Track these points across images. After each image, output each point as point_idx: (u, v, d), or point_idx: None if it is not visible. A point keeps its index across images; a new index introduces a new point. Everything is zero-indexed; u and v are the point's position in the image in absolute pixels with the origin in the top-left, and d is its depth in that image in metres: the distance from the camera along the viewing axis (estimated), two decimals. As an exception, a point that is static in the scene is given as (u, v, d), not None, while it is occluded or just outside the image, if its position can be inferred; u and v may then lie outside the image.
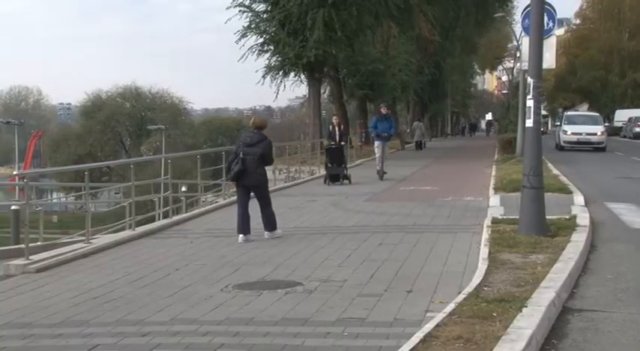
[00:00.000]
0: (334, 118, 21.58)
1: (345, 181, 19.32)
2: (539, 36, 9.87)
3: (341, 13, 30.06)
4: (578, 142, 33.72)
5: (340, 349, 5.17)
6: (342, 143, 20.06)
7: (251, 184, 10.58)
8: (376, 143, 20.36)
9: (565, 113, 37.82)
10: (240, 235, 10.33)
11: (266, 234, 10.60)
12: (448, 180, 19.83)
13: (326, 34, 30.01)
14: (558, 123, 36.06)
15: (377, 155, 20.32)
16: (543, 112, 35.29)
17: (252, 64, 73.05)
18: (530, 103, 9.67)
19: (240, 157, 10.40)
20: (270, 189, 11.40)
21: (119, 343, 5.48)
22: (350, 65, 38.47)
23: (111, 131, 68.68)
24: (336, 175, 19.43)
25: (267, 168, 11.07)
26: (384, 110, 20.56)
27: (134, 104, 72.09)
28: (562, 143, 34.32)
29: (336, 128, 19.96)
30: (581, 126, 34.36)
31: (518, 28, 39.07)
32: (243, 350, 5.21)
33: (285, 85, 33.19)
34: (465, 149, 40.49)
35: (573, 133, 33.88)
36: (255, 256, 9.15)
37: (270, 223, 10.67)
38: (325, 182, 19.40)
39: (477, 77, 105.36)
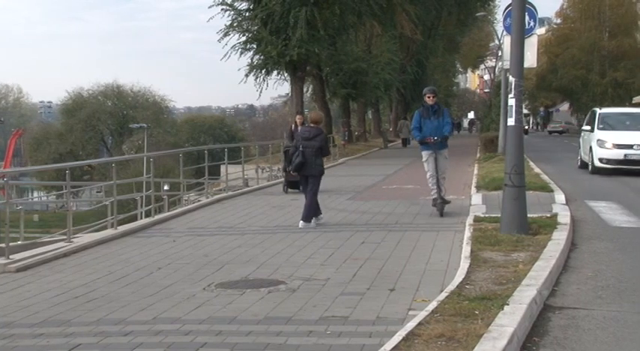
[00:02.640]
0: (298, 117, 18.62)
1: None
2: (520, 35, 9.93)
3: (323, 12, 30.03)
4: (628, 161, 19.62)
5: (323, 347, 5.17)
6: None
7: (310, 173, 11.55)
8: (424, 154, 12.21)
9: (598, 111, 21.82)
10: (301, 222, 11.38)
11: (300, 224, 11.35)
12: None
13: (309, 33, 29.96)
14: (588, 127, 21.38)
15: (428, 173, 12.23)
16: (525, 111, 34.47)
17: (235, 62, 72.97)
18: (511, 101, 9.72)
19: (300, 150, 11.42)
20: (252, 187, 11.51)
21: (101, 342, 5.46)
22: (333, 64, 38.48)
23: (92, 130, 68.32)
24: (295, 182, 15.98)
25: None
26: (430, 99, 12.08)
27: (116, 102, 71.81)
28: (597, 162, 19.96)
29: (299, 128, 16.78)
30: (629, 133, 20.27)
31: (499, 27, 39.26)
32: (226, 349, 5.20)
33: (267, 84, 33.12)
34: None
35: (617, 145, 19.73)
36: (238, 254, 9.13)
37: (308, 212, 11.49)
38: (284, 190, 16.90)
39: (459, 76, 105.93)
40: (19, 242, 11.08)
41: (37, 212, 48.16)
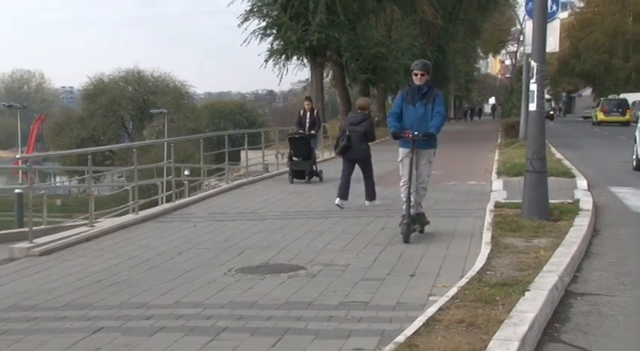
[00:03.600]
0: (306, 102, 17.34)
1: (315, 179, 16.03)
2: (542, 19, 9.83)
3: (343, -3, 29.92)
4: None
5: (343, 332, 5.19)
6: (312, 132, 16.41)
7: (355, 158, 11.96)
8: (400, 152, 9.04)
9: None
10: (338, 199, 11.81)
11: (366, 202, 11.95)
12: (451, 164, 19.78)
13: (328, 18, 29.89)
14: None
15: (401, 180, 9.04)
16: (547, 96, 34.10)
17: (255, 47, 72.71)
18: (533, 86, 9.64)
19: (346, 134, 11.82)
20: (272, 173, 11.53)
21: (123, 325, 5.51)
22: (353, 49, 38.33)
23: (113, 115, 68.61)
24: (301, 171, 15.88)
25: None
26: (418, 77, 8.75)
27: (136, 88, 71.96)
28: None
29: (308, 114, 16.65)
30: None
31: (521, 12, 38.90)
32: (247, 333, 5.23)
33: (287, 69, 33.18)
34: (468, 133, 40.43)
35: None
36: (259, 240, 9.16)
37: (370, 193, 12.05)
38: (289, 180, 16.03)
39: (480, 61, 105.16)
40: (42, 226, 11.21)
41: (59, 197, 48.56)
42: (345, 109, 38.36)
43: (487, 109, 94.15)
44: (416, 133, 8.60)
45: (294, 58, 33.18)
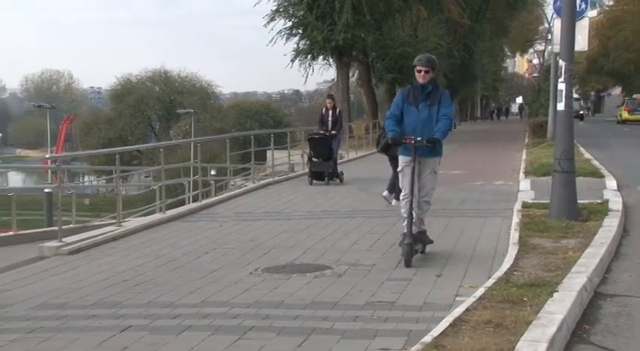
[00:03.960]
0: (328, 100, 16.58)
1: (335, 180, 15.51)
2: (571, 18, 9.74)
3: (369, -4, 29.87)
4: None
5: (369, 332, 5.18)
6: (332, 132, 15.64)
7: (394, 154, 11.62)
8: (400, 161, 7.93)
9: None
10: (394, 201, 11.78)
11: (384, 193, 12.30)
12: (478, 164, 19.71)
13: (354, 18, 29.86)
14: None
15: (402, 192, 7.88)
16: (575, 96, 33.77)
17: (281, 47, 72.97)
18: (561, 86, 9.56)
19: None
20: (298, 173, 11.50)
21: (150, 324, 5.54)
22: (378, 49, 38.21)
23: (141, 115, 69.16)
24: (320, 172, 15.33)
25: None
26: (422, 75, 7.59)
27: (163, 88, 72.50)
28: None
29: (330, 112, 15.90)
30: None
31: (549, 10, 38.56)
32: (273, 333, 5.24)
33: (313, 69, 33.22)
34: (495, 133, 40.15)
35: None
36: (284, 239, 9.18)
37: (396, 189, 11.81)
38: (309, 182, 15.55)
39: (508, 60, 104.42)
40: (71, 225, 11.32)
41: (87, 196, 49.04)
42: (371, 109, 38.31)
43: (514, 108, 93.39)
44: (419, 138, 7.39)
45: (320, 57, 33.20)
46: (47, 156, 31.34)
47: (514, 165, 18.32)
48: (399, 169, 7.84)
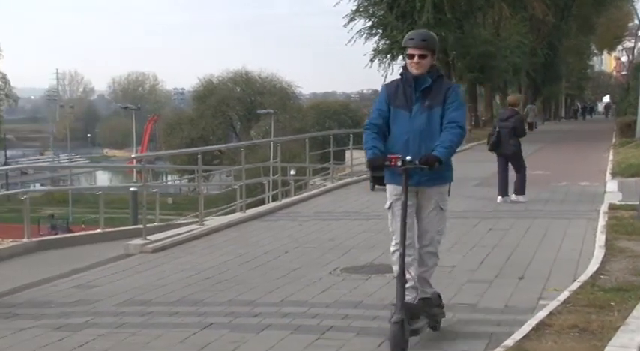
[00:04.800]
0: None
1: None
2: (662, 13, 9.39)
3: (451, -5, 29.57)
4: None
5: (450, 334, 5.12)
6: None
7: (505, 153, 12.19)
8: (388, 193, 5.38)
9: None
10: (499, 197, 12.15)
11: (512, 196, 12.19)
12: (562, 164, 19.24)
13: (435, 17, 29.61)
14: None
15: (392, 241, 5.19)
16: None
17: (360, 47, 72.71)
18: (651, 84, 9.23)
19: (496, 130, 12.15)
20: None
21: (231, 322, 5.62)
22: (460, 48, 37.77)
23: (222, 115, 70.24)
24: (381, 178, 13.97)
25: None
26: (415, 61, 5.05)
27: (244, 89, 73.43)
28: None
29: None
30: None
31: (639, 6, 37.25)
32: (352, 333, 5.24)
33: (393, 69, 33.03)
34: (580, 133, 39.12)
35: None
36: (364, 239, 9.16)
37: (519, 188, 12.21)
38: (371, 188, 13.37)
39: (594, 58, 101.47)
40: (154, 224, 11.58)
41: (170, 195, 50.14)
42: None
43: (600, 107, 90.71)
44: (408, 158, 4.89)
45: (400, 57, 33.03)
46: (132, 156, 32.18)
47: (600, 165, 17.81)
48: (386, 205, 5.33)
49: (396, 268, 5.03)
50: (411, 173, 4.92)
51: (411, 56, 5.09)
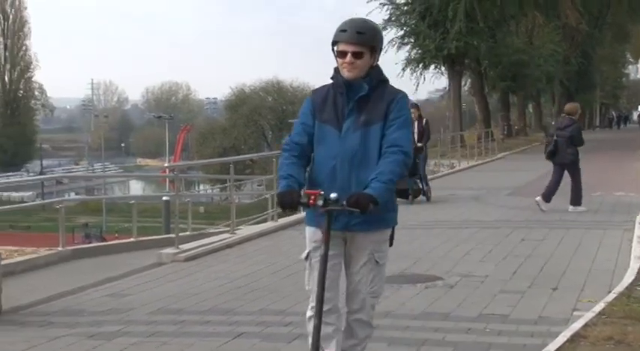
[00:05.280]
0: (412, 110, 13.00)
1: (421, 198, 13.83)
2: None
3: (483, 4, 29.48)
4: None
5: (482, 345, 5.07)
6: (419, 145, 13.60)
7: (562, 161, 12.11)
8: (307, 236, 3.96)
9: None
10: (540, 198, 12.10)
11: (570, 208, 12.00)
12: (596, 174, 18.98)
13: (467, 26, 29.54)
14: None
15: (310, 303, 3.94)
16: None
17: (392, 56, 72.89)
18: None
19: (554, 139, 12.14)
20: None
21: (262, 332, 5.63)
22: (492, 56, 37.62)
23: (254, 125, 70.56)
24: (403, 190, 13.49)
25: None
26: (348, 63, 3.77)
27: (276, 98, 73.73)
28: None
29: (415, 123, 13.48)
30: None
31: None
32: (383, 343, 5.22)
33: (424, 78, 33.06)
34: (615, 142, 38.63)
35: None
36: (395, 249, 9.10)
37: (574, 198, 12.08)
38: None
39: (630, 67, 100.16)
40: (187, 233, 11.64)
41: (202, 204, 50.38)
42: (484, 118, 37.67)
43: (635, 116, 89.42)
44: (333, 195, 3.67)
45: (432, 66, 33.03)
46: (165, 165, 32.47)
47: (636, 175, 17.56)
48: (302, 255, 4.02)
49: (311, 339, 3.71)
50: (333, 216, 3.67)
51: (342, 54, 3.80)
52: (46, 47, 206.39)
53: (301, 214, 13.27)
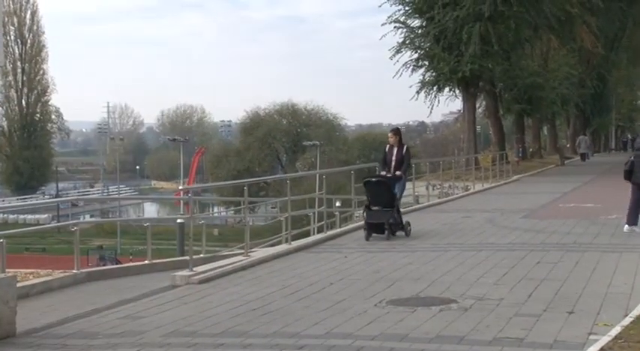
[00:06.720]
0: (390, 135, 13.13)
1: (399, 233, 12.32)
2: None
3: (498, 27, 29.50)
4: None
5: (497, 369, 5.03)
6: (396, 173, 12.51)
7: (638, 182, 11.81)
8: None
9: None
10: (626, 226, 11.86)
11: (625, 227, 11.87)
12: (612, 197, 18.85)
13: (482, 48, 29.55)
14: None
15: None
16: None
17: (406, 79, 72.86)
18: None
19: (631, 160, 11.94)
20: (423, 204, 11.35)
21: (276, 354, 5.61)
22: (507, 79, 37.60)
23: (268, 147, 70.79)
24: (379, 224, 12.07)
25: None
26: None
27: (290, 121, 74.01)
28: None
29: (395, 149, 12.71)
30: None
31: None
32: (398, 367, 5.19)
33: (439, 101, 33.02)
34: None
35: None
36: (409, 271, 9.10)
37: (632, 218, 11.86)
38: (365, 237, 12.13)
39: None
40: (201, 255, 11.66)
41: (216, 226, 50.43)
42: (498, 140, 37.59)
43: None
44: None
45: (446, 89, 33.02)
46: (180, 188, 32.57)
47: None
48: None
49: None
50: None
51: None
52: (62, 71, 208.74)
53: (315, 237, 13.28)
